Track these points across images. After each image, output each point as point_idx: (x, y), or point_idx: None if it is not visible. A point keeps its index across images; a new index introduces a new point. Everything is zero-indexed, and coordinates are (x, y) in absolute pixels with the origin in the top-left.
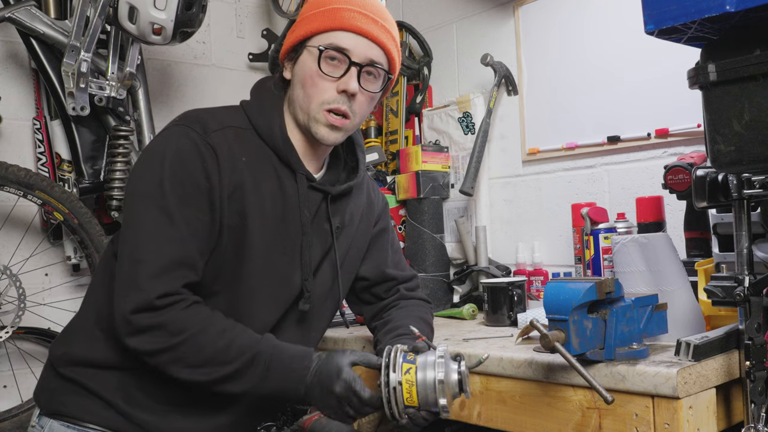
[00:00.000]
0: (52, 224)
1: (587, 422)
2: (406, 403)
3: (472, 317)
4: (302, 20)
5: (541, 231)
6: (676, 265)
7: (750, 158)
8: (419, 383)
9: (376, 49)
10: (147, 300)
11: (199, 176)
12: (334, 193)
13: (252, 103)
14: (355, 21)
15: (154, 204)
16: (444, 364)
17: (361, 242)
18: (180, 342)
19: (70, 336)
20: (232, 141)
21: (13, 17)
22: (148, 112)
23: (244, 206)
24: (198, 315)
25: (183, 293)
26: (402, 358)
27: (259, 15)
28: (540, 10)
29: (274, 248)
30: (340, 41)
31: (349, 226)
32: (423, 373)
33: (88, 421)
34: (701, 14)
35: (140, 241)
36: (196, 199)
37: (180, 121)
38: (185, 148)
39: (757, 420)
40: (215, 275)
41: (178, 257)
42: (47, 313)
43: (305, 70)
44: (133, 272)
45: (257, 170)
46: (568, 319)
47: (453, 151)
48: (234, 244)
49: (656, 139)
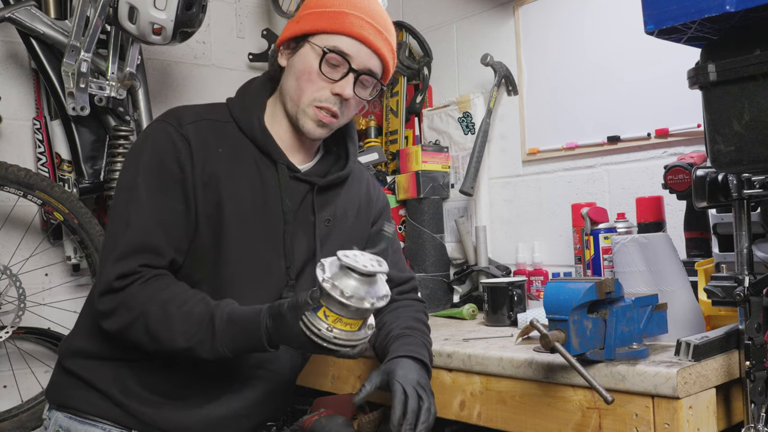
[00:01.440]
0: (52, 224)
1: (587, 422)
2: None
3: (472, 317)
4: (308, 15)
5: (541, 231)
6: (676, 265)
7: (750, 158)
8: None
9: (375, 59)
10: (107, 283)
11: (172, 166)
12: (320, 184)
13: (235, 99)
14: (362, 30)
15: (127, 196)
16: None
17: (355, 240)
18: (139, 315)
19: (74, 331)
20: (207, 132)
21: (13, 17)
22: (148, 112)
23: (219, 195)
24: (154, 287)
25: (140, 271)
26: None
27: (259, 15)
28: (540, 10)
29: (254, 237)
30: (343, 46)
31: (343, 220)
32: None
33: (88, 412)
34: (701, 14)
35: (112, 232)
36: (169, 188)
37: (160, 117)
38: (160, 140)
39: (757, 420)
40: (196, 264)
41: (140, 243)
42: (47, 313)
43: (304, 65)
44: (103, 260)
45: (234, 161)
46: (568, 319)
47: (453, 151)
48: (212, 232)
49: (656, 139)
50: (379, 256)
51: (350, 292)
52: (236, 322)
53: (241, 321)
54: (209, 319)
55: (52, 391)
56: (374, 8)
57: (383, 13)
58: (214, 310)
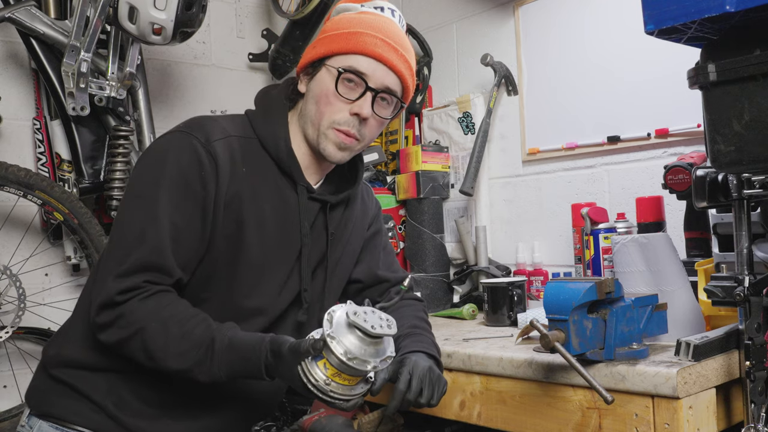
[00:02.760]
0: (52, 224)
1: (587, 422)
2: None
3: (472, 317)
4: (324, 38)
5: (541, 231)
6: (676, 265)
7: (750, 158)
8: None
9: (392, 77)
10: (109, 297)
11: (195, 183)
12: (333, 203)
13: (257, 114)
14: (376, 47)
15: (143, 206)
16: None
17: (354, 246)
18: (138, 330)
19: (63, 337)
20: (234, 150)
21: (13, 17)
22: (148, 112)
23: (241, 215)
24: (156, 304)
25: (143, 286)
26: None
27: (259, 15)
28: (540, 10)
29: (271, 258)
30: (359, 65)
31: (343, 232)
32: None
33: (76, 423)
34: (701, 14)
35: (122, 240)
36: (189, 206)
37: (184, 128)
38: (185, 154)
39: (757, 420)
40: (205, 283)
41: (151, 262)
42: (47, 313)
43: (321, 88)
44: (107, 270)
45: (257, 180)
46: (568, 319)
47: (453, 151)
48: (229, 252)
49: (656, 139)
50: (391, 316)
51: (353, 353)
52: (237, 349)
53: (241, 348)
54: (209, 342)
55: (34, 398)
56: (389, 27)
57: (399, 32)
58: (215, 333)
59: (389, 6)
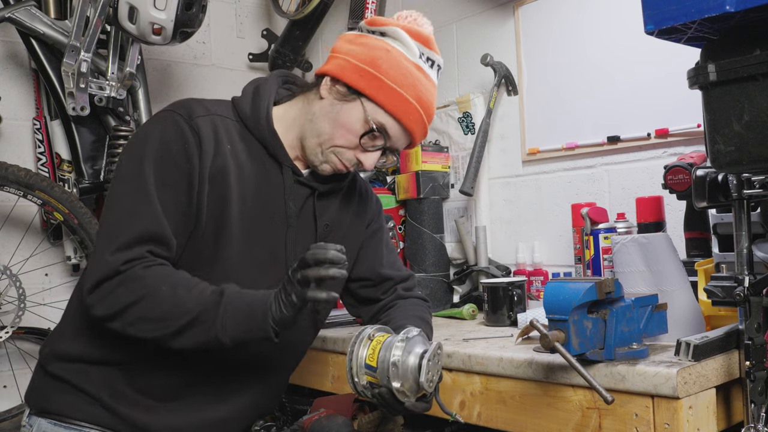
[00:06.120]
0: (52, 224)
1: (587, 422)
2: (367, 379)
3: (472, 317)
4: (374, 76)
5: (541, 231)
6: (676, 265)
7: (750, 158)
8: (380, 360)
9: (407, 142)
10: (111, 269)
11: (180, 157)
12: (321, 190)
13: (242, 98)
14: (412, 122)
15: (132, 184)
16: (405, 348)
17: (353, 243)
18: (145, 294)
19: (57, 334)
20: (218, 127)
21: (13, 17)
22: (148, 112)
23: (225, 192)
24: (163, 269)
25: (146, 256)
26: (375, 333)
27: (259, 15)
28: (540, 10)
29: (255, 237)
30: (390, 127)
31: (340, 227)
32: (385, 352)
33: (74, 417)
34: (701, 14)
35: (115, 219)
36: (176, 179)
37: (167, 107)
38: (169, 130)
39: (757, 420)
40: (194, 260)
41: (147, 232)
42: (47, 313)
43: (347, 120)
44: (102, 249)
45: (241, 159)
46: (568, 319)
47: (453, 151)
48: (213, 228)
49: (656, 139)
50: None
51: (400, 387)
52: (245, 296)
53: (250, 297)
54: (220, 291)
55: (33, 396)
56: (430, 97)
57: (434, 98)
58: (224, 288)
59: (439, 62)
